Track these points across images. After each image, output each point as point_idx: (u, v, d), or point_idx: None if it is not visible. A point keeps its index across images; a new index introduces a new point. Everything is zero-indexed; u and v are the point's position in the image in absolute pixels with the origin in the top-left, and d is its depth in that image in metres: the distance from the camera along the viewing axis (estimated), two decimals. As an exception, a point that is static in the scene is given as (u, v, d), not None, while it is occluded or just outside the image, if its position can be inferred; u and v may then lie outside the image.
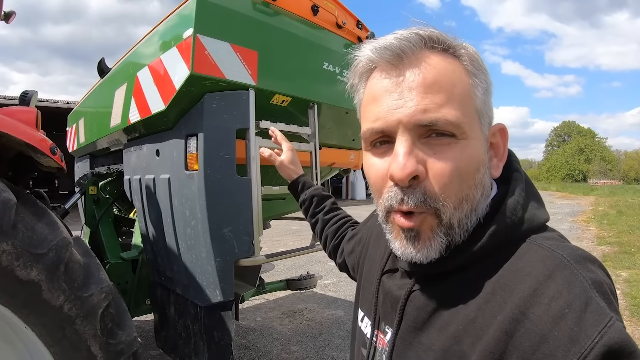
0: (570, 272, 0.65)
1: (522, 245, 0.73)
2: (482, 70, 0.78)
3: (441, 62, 0.74)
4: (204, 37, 2.17)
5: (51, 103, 17.71)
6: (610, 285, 0.67)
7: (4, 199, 1.69)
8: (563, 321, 0.61)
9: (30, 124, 2.03)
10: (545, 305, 0.63)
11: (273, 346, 4.66)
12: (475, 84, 0.76)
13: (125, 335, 1.99)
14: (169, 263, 2.82)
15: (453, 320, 0.73)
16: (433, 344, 0.75)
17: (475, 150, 0.74)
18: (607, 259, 8.76)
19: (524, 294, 0.66)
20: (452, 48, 0.76)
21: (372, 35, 3.35)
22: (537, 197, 0.81)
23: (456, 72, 0.75)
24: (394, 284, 0.90)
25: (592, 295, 0.62)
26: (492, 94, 0.80)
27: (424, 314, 0.79)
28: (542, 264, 0.68)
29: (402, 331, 0.83)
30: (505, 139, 0.82)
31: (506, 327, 0.65)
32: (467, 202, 0.74)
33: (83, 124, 4.29)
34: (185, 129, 2.41)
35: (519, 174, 0.82)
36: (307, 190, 1.66)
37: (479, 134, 0.76)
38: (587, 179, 65.59)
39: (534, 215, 0.77)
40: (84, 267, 1.91)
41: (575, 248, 0.71)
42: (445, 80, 0.73)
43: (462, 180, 0.73)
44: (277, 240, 10.76)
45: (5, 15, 3.31)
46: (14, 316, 1.75)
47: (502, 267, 0.72)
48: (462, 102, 0.73)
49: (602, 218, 16.48)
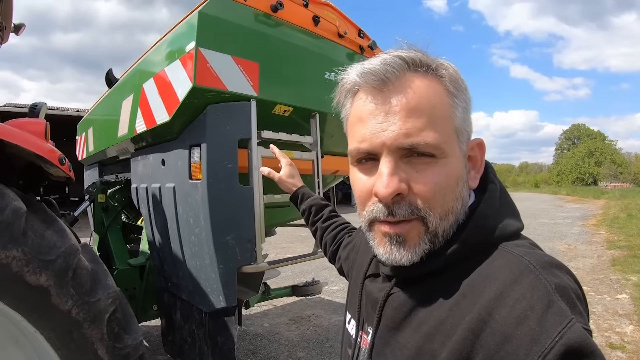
0: (535, 277, 0.69)
1: (494, 252, 0.78)
2: (462, 89, 0.83)
3: (422, 85, 0.79)
4: (205, 50, 2.23)
5: (61, 111, 17.91)
6: (576, 290, 0.71)
7: (15, 208, 1.76)
8: (526, 322, 0.65)
9: (39, 135, 2.10)
10: (510, 307, 0.67)
11: (280, 352, 4.68)
12: (455, 104, 0.81)
13: (131, 340, 2.04)
14: (175, 269, 2.88)
15: (427, 320, 0.78)
16: (408, 342, 0.81)
17: (454, 167, 0.80)
18: (616, 262, 8.67)
19: (490, 296, 0.70)
20: (434, 70, 0.81)
21: (373, 44, 3.39)
22: (511, 207, 0.87)
23: (437, 93, 0.80)
24: (375, 287, 0.96)
25: (555, 298, 0.66)
26: (471, 110, 0.85)
27: (401, 314, 0.84)
28: (509, 269, 0.72)
29: (380, 330, 0.89)
30: (482, 153, 0.88)
31: (473, 327, 0.69)
32: (452, 214, 0.81)
33: (92, 133, 4.37)
34: (189, 140, 2.47)
35: (493, 185, 0.87)
36: (306, 201, 1.75)
37: (456, 151, 0.81)
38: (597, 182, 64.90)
39: (506, 224, 0.82)
40: (91, 273, 1.97)
41: (543, 255, 0.75)
42: (426, 104, 0.78)
43: (444, 195, 0.79)
44: (285, 247, 10.77)
45: (15, 27, 3.39)
46: (24, 320, 1.81)
47: (473, 272, 0.77)
48: (442, 124, 0.79)
49: (612, 221, 16.30)
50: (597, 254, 9.82)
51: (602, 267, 8.46)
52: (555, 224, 16.06)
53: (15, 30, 3.40)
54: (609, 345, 4.61)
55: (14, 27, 3.34)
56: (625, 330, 5.08)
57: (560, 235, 12.92)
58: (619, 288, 6.85)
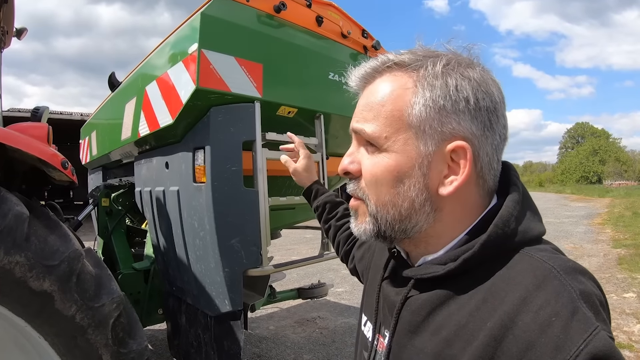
0: (559, 283, 0.67)
1: (515, 256, 0.75)
2: (441, 87, 0.79)
3: (384, 85, 0.84)
4: (208, 52, 2.21)
5: (65, 115, 17.97)
6: (599, 296, 0.69)
7: (18, 213, 1.75)
8: (550, 329, 0.63)
9: (42, 139, 2.09)
10: (534, 313, 0.65)
11: (286, 354, 4.67)
12: (414, 102, 0.79)
13: (136, 345, 2.03)
14: (180, 273, 2.86)
15: (445, 324, 0.76)
16: (426, 347, 0.79)
17: (395, 163, 0.81)
18: (622, 261, 8.63)
19: (513, 302, 0.68)
20: (411, 65, 0.82)
21: (377, 44, 3.38)
22: (534, 211, 0.83)
23: (394, 92, 0.81)
24: (392, 290, 0.94)
25: (579, 305, 0.64)
26: (456, 110, 0.79)
27: (419, 318, 0.82)
28: (532, 274, 0.70)
29: (397, 334, 0.87)
30: (464, 158, 0.79)
31: (495, 333, 0.68)
32: (393, 208, 0.83)
33: (95, 136, 4.37)
34: (192, 142, 2.46)
35: (516, 187, 0.83)
36: (320, 197, 1.68)
37: (407, 148, 0.80)
38: (602, 181, 64.66)
39: (528, 228, 0.79)
40: (95, 278, 1.96)
41: (566, 260, 0.73)
42: (377, 101, 0.83)
43: (378, 186, 0.84)
44: (290, 249, 10.77)
45: (17, 31, 3.40)
46: (28, 326, 1.80)
47: (494, 276, 0.74)
48: (388, 120, 0.82)
49: (617, 220, 16.24)
50: (603, 253, 9.77)
51: (609, 265, 8.41)
52: (560, 223, 16.00)
53: (18, 34, 3.40)
54: (617, 345, 4.57)
55: (16, 31, 3.34)
56: (633, 329, 5.04)
57: (566, 234, 12.87)
58: (626, 287, 6.81)
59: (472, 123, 0.78)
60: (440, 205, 0.82)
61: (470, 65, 0.82)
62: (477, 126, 0.78)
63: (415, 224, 0.84)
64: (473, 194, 0.82)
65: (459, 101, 0.78)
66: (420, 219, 0.83)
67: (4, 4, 2.89)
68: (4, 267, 1.67)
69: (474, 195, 0.83)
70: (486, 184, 0.83)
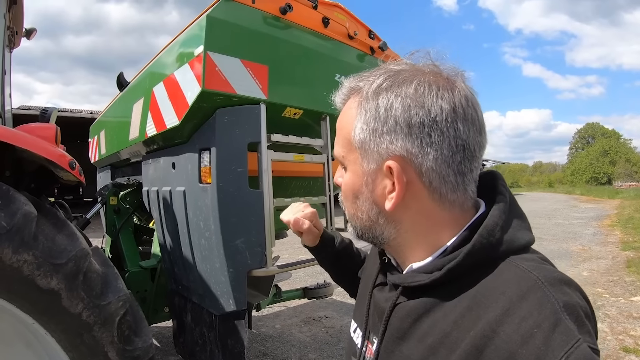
0: (543, 294, 0.68)
1: (501, 265, 0.76)
2: (372, 109, 0.81)
3: (345, 109, 0.91)
4: (214, 54, 2.23)
5: (75, 113, 18.11)
6: (585, 308, 0.69)
7: (26, 212, 1.78)
8: (532, 340, 0.63)
9: (50, 140, 2.12)
10: (516, 325, 0.66)
11: (291, 353, 4.67)
12: (356, 125, 0.84)
13: (141, 342, 2.06)
14: (185, 272, 2.89)
15: (431, 332, 0.78)
16: (412, 354, 0.80)
17: (351, 181, 0.89)
18: (631, 264, 8.54)
19: (496, 312, 0.69)
20: (357, 88, 0.88)
21: (384, 45, 3.37)
22: (521, 219, 0.84)
23: (348, 113, 0.89)
24: (383, 296, 0.95)
25: (562, 317, 0.64)
26: (388, 130, 0.79)
27: (406, 325, 0.83)
28: (516, 285, 0.71)
29: (386, 341, 0.88)
30: (398, 177, 0.80)
31: (477, 343, 0.68)
32: (357, 219, 0.92)
33: (104, 135, 4.41)
34: (198, 143, 2.48)
35: (502, 197, 0.84)
36: (337, 241, 1.47)
37: (356, 167, 0.87)
38: (612, 182, 64.09)
39: (514, 237, 0.79)
40: (102, 277, 1.99)
41: (552, 270, 0.74)
42: (339, 125, 0.93)
43: (345, 200, 0.95)
44: (297, 248, 10.67)
45: (27, 32, 3.44)
46: (35, 322, 1.84)
47: (479, 284, 0.75)
48: (344, 141, 0.90)
49: (627, 222, 16.08)
50: (611, 255, 9.70)
51: (617, 268, 8.34)
52: (569, 225, 15.90)
53: (27, 35, 3.45)
54: (623, 349, 4.54)
55: (25, 31, 3.39)
56: (640, 333, 5.01)
57: (575, 236, 12.78)
58: (634, 290, 6.75)
59: (406, 141, 0.78)
60: (396, 218, 0.85)
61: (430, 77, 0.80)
62: (413, 143, 0.78)
63: (381, 233, 0.89)
64: (433, 207, 0.82)
65: (389, 120, 0.79)
66: (383, 230, 0.89)
67: (13, 5, 2.92)
68: (12, 265, 1.70)
69: (435, 209, 0.82)
70: (445, 197, 0.81)
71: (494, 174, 0.90)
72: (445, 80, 0.80)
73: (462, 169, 0.80)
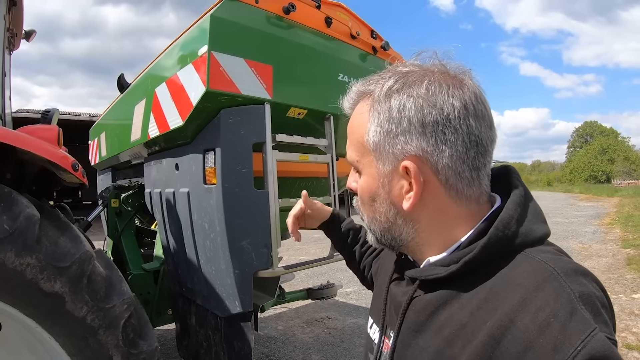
0: (559, 285, 0.68)
1: (517, 257, 0.77)
2: (385, 111, 0.82)
3: (355, 113, 0.92)
4: (218, 54, 2.21)
5: (73, 116, 18.09)
6: (601, 298, 0.70)
7: (28, 215, 1.76)
8: (548, 330, 0.64)
9: (52, 141, 2.10)
10: (533, 314, 0.66)
11: (294, 355, 4.67)
12: (370, 127, 0.85)
13: (146, 345, 2.04)
14: (190, 274, 2.87)
15: (448, 324, 0.78)
16: (429, 346, 0.81)
17: (367, 184, 0.90)
18: (631, 261, 8.54)
19: (513, 302, 0.70)
20: (367, 91, 0.89)
21: (386, 45, 3.37)
22: (536, 213, 0.84)
23: (359, 118, 0.89)
24: (400, 290, 0.96)
25: (578, 306, 0.65)
26: (403, 131, 0.80)
27: (423, 317, 0.84)
28: (532, 276, 0.71)
29: (402, 334, 0.89)
30: (415, 176, 0.81)
31: (494, 333, 0.69)
32: (376, 222, 0.92)
33: (104, 138, 4.39)
34: (203, 144, 2.46)
35: (517, 190, 0.85)
36: (343, 223, 1.57)
37: (371, 170, 0.88)
38: (610, 180, 64.11)
39: (530, 230, 0.80)
40: (106, 280, 1.97)
41: (568, 261, 0.74)
42: (350, 130, 0.92)
43: (363, 204, 0.94)
44: (299, 249, 10.75)
45: (26, 34, 3.42)
46: (39, 327, 1.82)
47: (495, 276, 0.76)
48: (356, 144, 0.90)
49: (626, 220, 16.07)
50: (612, 253, 9.70)
51: (617, 266, 8.35)
52: (569, 223, 15.91)
53: (26, 36, 3.43)
54: (626, 346, 4.54)
55: (25, 33, 3.37)
56: (643, 330, 5.00)
57: (575, 234, 12.80)
58: (635, 287, 6.76)
59: (421, 140, 0.79)
60: (414, 217, 0.86)
61: (438, 76, 0.81)
62: (428, 142, 0.79)
63: (400, 234, 0.90)
64: (450, 204, 0.83)
65: (402, 121, 0.80)
66: (402, 231, 0.89)
67: (13, 7, 2.90)
68: (16, 268, 1.68)
69: (452, 205, 0.83)
70: (462, 192, 0.82)
71: (509, 168, 0.92)
72: (454, 79, 0.82)
73: (477, 164, 0.82)
